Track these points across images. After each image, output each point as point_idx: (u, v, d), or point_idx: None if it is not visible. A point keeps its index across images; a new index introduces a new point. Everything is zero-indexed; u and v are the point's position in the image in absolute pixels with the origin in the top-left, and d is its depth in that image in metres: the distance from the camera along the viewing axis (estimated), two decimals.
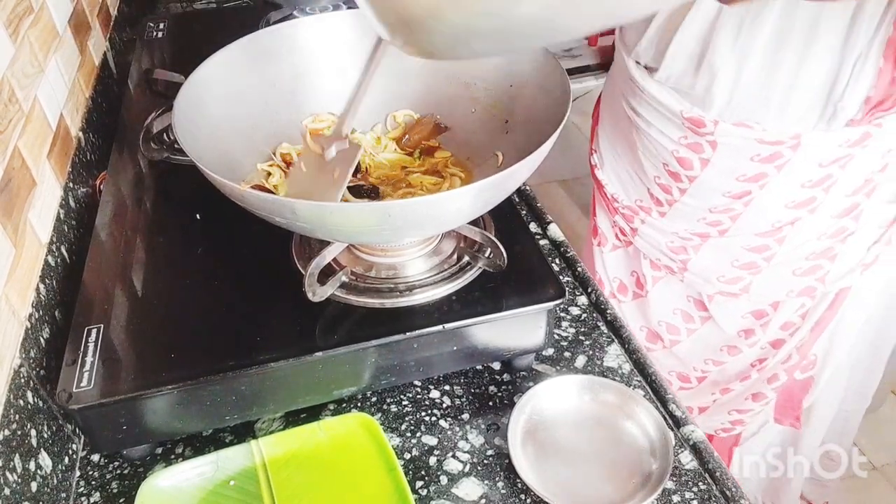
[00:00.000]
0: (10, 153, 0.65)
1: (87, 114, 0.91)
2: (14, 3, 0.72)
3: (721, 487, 0.61)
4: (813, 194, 0.80)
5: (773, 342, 0.97)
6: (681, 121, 0.81)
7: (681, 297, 1.01)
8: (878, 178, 0.80)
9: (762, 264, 0.87)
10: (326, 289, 0.63)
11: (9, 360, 0.57)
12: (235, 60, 0.71)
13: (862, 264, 0.86)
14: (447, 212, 0.57)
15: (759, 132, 0.76)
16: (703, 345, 1.02)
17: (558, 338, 0.74)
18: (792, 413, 1.03)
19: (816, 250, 0.85)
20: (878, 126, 0.74)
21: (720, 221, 0.86)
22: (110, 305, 0.65)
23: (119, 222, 0.76)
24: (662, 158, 0.87)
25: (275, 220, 0.57)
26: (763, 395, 1.02)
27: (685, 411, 0.67)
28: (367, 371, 0.64)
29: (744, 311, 0.95)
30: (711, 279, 0.92)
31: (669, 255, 0.93)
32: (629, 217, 0.96)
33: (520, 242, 0.70)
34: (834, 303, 0.91)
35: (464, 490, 0.61)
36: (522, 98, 0.71)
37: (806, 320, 0.93)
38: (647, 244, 0.96)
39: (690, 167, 0.83)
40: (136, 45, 1.15)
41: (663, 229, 0.92)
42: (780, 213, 0.83)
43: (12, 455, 0.54)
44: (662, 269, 0.98)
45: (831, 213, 0.82)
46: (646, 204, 0.94)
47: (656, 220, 0.93)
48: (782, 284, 0.89)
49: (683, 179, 0.85)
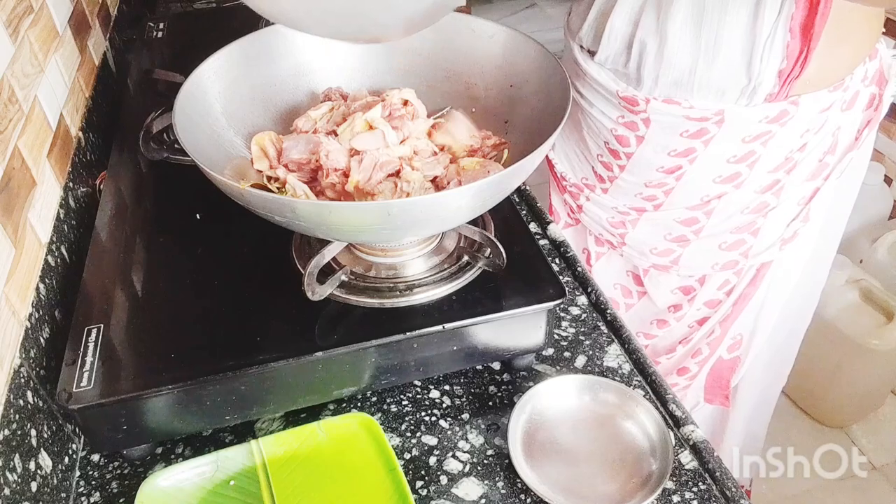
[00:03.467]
0: (10, 153, 0.65)
1: (87, 114, 0.91)
2: (14, 3, 0.72)
3: (721, 487, 0.61)
4: (738, 170, 0.85)
5: (699, 320, 1.02)
6: (617, 100, 0.85)
7: (621, 273, 1.06)
8: (798, 157, 0.85)
9: (691, 237, 0.92)
10: (326, 288, 0.63)
11: (9, 360, 0.57)
12: (235, 60, 0.71)
13: (781, 239, 0.90)
14: (447, 211, 0.57)
15: (686, 109, 0.81)
16: (639, 319, 1.07)
17: (558, 338, 0.74)
18: (721, 392, 1.08)
19: (740, 224, 0.89)
20: (795, 104, 0.79)
21: (655, 196, 0.91)
22: (110, 305, 0.65)
23: (119, 222, 0.76)
24: (604, 137, 0.91)
25: (275, 219, 0.57)
26: (687, 369, 1.06)
27: (685, 411, 0.67)
28: (367, 371, 0.64)
29: (673, 286, 1.00)
30: (646, 252, 0.96)
31: (609, 231, 0.98)
32: (575, 195, 1.00)
33: (520, 242, 0.70)
34: (755, 279, 0.95)
35: (464, 490, 0.61)
36: (522, 98, 0.71)
37: (729, 297, 0.97)
38: (591, 220, 1.00)
39: (628, 144, 0.88)
40: (136, 45, 1.15)
41: (605, 205, 0.97)
42: (708, 187, 0.87)
43: (12, 455, 0.54)
44: (605, 244, 1.03)
45: (755, 189, 0.87)
46: (591, 182, 0.98)
47: (599, 196, 0.97)
48: (709, 257, 0.93)
49: (622, 157, 0.90)
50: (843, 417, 1.64)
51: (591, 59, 0.88)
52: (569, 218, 1.08)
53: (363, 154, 0.64)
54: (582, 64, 0.88)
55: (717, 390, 1.08)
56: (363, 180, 0.63)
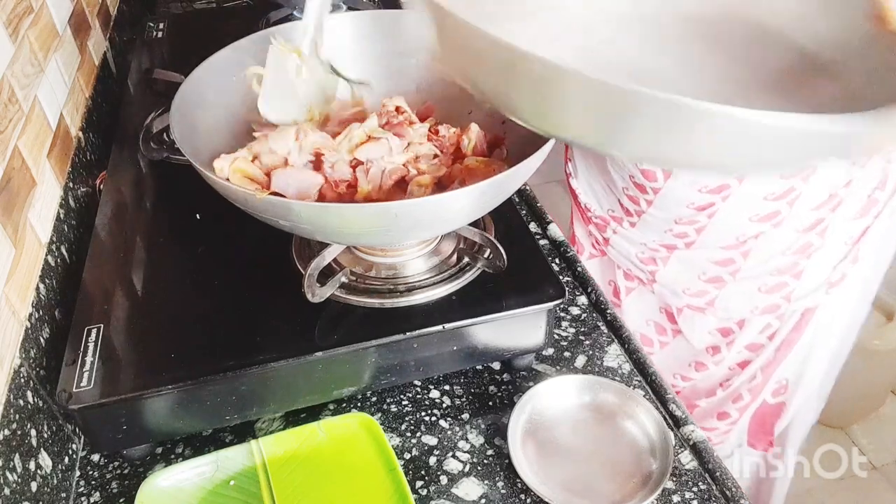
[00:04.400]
0: (10, 153, 0.65)
1: (87, 114, 0.91)
2: (14, 3, 0.72)
3: (721, 487, 0.61)
4: (776, 207, 0.80)
5: (740, 363, 0.96)
6: None
7: (654, 309, 1.00)
8: (843, 193, 0.79)
9: (728, 278, 0.87)
10: (326, 289, 0.63)
11: (9, 360, 0.57)
12: (235, 60, 0.71)
13: (828, 282, 0.85)
14: (450, 212, 0.57)
15: None
16: (674, 359, 1.02)
17: (558, 338, 0.74)
18: (765, 438, 1.03)
19: (781, 266, 0.84)
20: None
21: (686, 233, 0.86)
22: (110, 305, 0.65)
23: (119, 222, 0.76)
24: (629, 170, 0.87)
25: (279, 223, 0.56)
26: (727, 414, 1.01)
27: (685, 411, 0.67)
28: (367, 371, 0.64)
29: (711, 327, 0.94)
30: (678, 292, 0.91)
31: (639, 266, 0.94)
32: (601, 227, 0.96)
33: (520, 242, 0.70)
34: (800, 323, 0.90)
35: (464, 490, 0.61)
36: None
37: (772, 341, 0.92)
38: (619, 254, 0.96)
39: (654, 179, 0.84)
40: (136, 45, 1.15)
41: (633, 239, 0.92)
42: (744, 225, 0.82)
43: (12, 455, 0.54)
44: (635, 279, 0.98)
45: (796, 228, 0.82)
46: (617, 214, 0.94)
47: (627, 230, 0.93)
48: (747, 300, 0.88)
49: (649, 191, 0.86)
50: (843, 417, 1.64)
51: None
52: (593, 249, 1.03)
53: (368, 164, 0.64)
54: None
55: (762, 435, 1.02)
56: (374, 189, 0.62)
